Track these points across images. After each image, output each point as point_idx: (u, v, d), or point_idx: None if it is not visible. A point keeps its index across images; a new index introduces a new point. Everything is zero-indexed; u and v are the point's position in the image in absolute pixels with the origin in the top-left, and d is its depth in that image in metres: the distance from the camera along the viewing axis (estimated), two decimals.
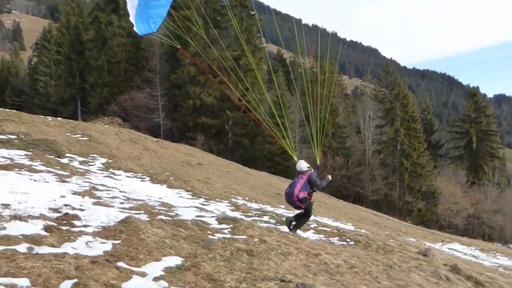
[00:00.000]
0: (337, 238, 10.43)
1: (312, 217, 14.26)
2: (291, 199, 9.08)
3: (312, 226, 11.62)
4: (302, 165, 9.59)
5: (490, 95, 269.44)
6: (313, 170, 9.57)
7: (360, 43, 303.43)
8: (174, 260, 5.49)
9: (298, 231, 9.54)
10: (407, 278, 6.85)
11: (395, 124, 48.45)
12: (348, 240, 10.33)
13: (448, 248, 20.37)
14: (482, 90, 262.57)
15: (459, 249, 21.15)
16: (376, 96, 64.41)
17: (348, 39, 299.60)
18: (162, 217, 8.09)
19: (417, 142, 48.40)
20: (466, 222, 47.98)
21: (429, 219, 47.95)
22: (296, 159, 9.97)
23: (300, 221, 9.60)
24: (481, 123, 56.14)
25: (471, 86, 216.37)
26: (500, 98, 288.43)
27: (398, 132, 47.79)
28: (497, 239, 47.39)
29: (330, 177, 10.05)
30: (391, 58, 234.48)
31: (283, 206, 16.24)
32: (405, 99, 50.35)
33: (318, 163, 10.07)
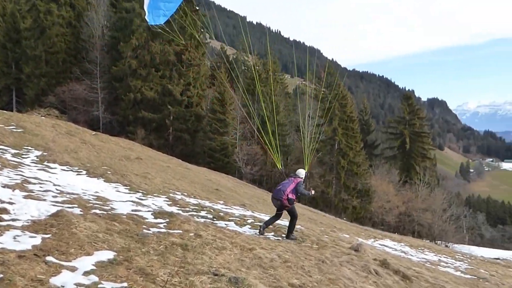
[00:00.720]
0: (272, 233, 10.62)
1: (249, 213, 14.46)
2: (279, 196, 9.67)
3: (249, 221, 11.76)
4: (303, 173, 10.34)
5: (424, 98, 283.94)
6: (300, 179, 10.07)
7: (303, 43, 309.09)
8: (106, 254, 5.40)
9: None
10: (338, 272, 7.12)
11: (333, 123, 49.78)
12: (283, 235, 10.55)
13: (380, 244, 21.25)
14: (416, 94, 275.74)
15: (390, 245, 22.12)
16: (316, 95, 65.86)
17: (291, 39, 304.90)
18: (97, 211, 7.91)
19: (354, 141, 50.02)
20: (398, 219, 50.23)
21: (363, 216, 49.77)
22: (280, 167, 11.06)
23: (291, 224, 10.26)
24: (414, 125, 58.89)
25: (406, 89, 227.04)
26: (433, 102, 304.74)
27: (336, 132, 49.15)
28: (425, 236, 49.99)
29: (313, 192, 10.61)
30: (332, 59, 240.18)
31: (221, 202, 16.29)
32: (344, 100, 51.86)
33: (306, 171, 10.62)
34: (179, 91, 47.42)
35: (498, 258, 41.17)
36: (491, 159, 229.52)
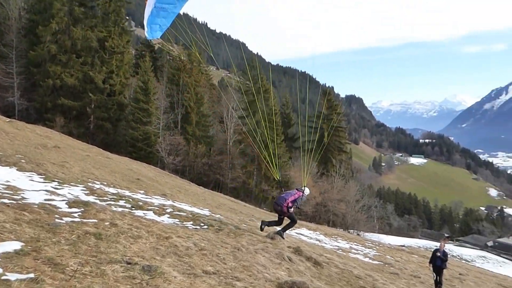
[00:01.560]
0: (191, 222, 10.66)
1: (170, 202, 14.37)
2: (281, 202, 10.79)
3: (168, 210, 11.70)
4: (308, 192, 11.58)
5: (342, 95, 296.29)
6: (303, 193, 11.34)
7: (229, 36, 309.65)
8: (12, 245, 5.16)
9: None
10: (253, 259, 7.35)
11: (256, 116, 50.51)
12: (202, 224, 10.63)
13: (296, 233, 22.04)
14: (336, 90, 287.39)
15: (306, 234, 23.03)
16: (240, 88, 66.41)
17: (217, 31, 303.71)
18: (5, 200, 7.50)
19: (275, 134, 51.11)
20: (314, 209, 52.24)
21: None
22: (278, 177, 12.37)
23: (288, 225, 11.30)
24: (332, 120, 61.33)
25: (327, 85, 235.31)
26: (350, 99, 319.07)
27: (259, 124, 49.91)
28: (339, 225, 52.49)
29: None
30: (257, 53, 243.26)
31: (142, 191, 16.03)
32: (267, 93, 52.73)
33: (304, 185, 11.68)
34: (101, 79, 45.60)
35: (403, 245, 44.39)
36: (400, 154, 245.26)
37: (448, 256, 15.44)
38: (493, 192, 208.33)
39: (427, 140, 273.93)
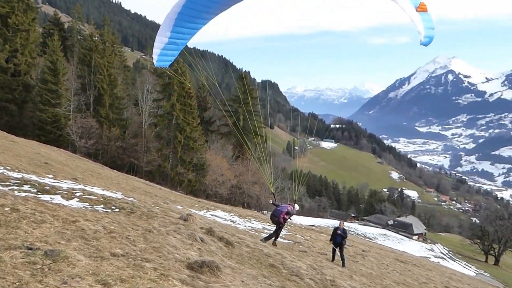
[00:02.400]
0: (102, 205, 10.37)
1: (80, 186, 13.83)
2: (278, 214, 13.70)
3: (78, 194, 11.27)
4: (297, 207, 14.74)
5: (258, 80, 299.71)
6: (294, 207, 14.37)
7: (145, 16, 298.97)
8: None
9: None
10: (164, 240, 7.34)
11: (171, 99, 49.68)
12: (113, 207, 10.39)
13: (211, 215, 22.26)
14: (252, 75, 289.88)
15: (220, 215, 23.33)
16: (156, 70, 64.74)
17: (132, 11, 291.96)
18: None
19: (191, 117, 50.67)
20: (230, 191, 52.87)
21: (198, 189, 51.21)
22: (273, 190, 15.46)
23: (276, 232, 14.18)
24: (248, 104, 61.93)
25: (243, 70, 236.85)
26: (266, 84, 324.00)
27: (174, 107, 49.17)
28: (254, 207, 53.71)
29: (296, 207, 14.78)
30: None
31: (50, 176, 15.25)
32: (183, 76, 51.93)
33: (295, 199, 14.91)
34: (4, 58, 42.05)
35: (313, 225, 46.58)
36: (313, 138, 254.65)
37: (348, 233, 16.67)
38: (394, 175, 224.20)
39: (337, 126, 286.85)
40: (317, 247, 19.03)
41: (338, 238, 15.54)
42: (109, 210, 9.99)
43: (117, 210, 10.18)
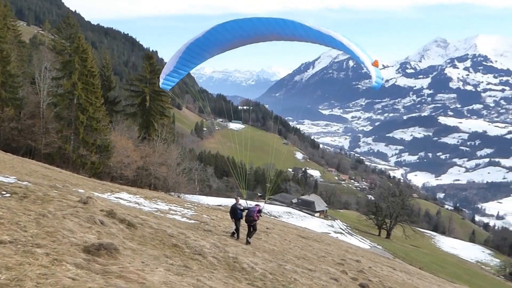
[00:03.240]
0: None
1: None
2: (252, 214, 16.15)
3: None
4: (262, 205, 17.48)
5: (166, 60, 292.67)
6: (261, 205, 16.96)
7: None
8: None
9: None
10: (59, 225, 7.06)
11: (72, 77, 46.88)
12: (4, 192, 9.73)
13: (115, 197, 21.65)
14: (160, 55, 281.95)
15: (125, 198, 22.76)
16: (55, 47, 60.63)
17: None
18: None
19: (94, 97, 48.26)
20: (136, 173, 51.54)
21: (102, 171, 49.26)
22: (245, 196, 17.84)
23: (250, 233, 16.54)
24: (155, 84, 60.38)
25: (150, 49, 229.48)
26: None
27: (76, 86, 46.50)
28: (161, 188, 52.93)
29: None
30: (75, 10, 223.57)
31: None
32: (85, 54, 49.11)
33: (266, 198, 21.58)
34: None
35: (220, 205, 47.14)
36: (221, 119, 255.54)
37: (242, 205, 17.76)
38: (299, 155, 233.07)
39: (245, 107, 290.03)
40: (223, 226, 19.39)
41: (239, 214, 16.19)
42: None
43: (8, 195, 9.54)
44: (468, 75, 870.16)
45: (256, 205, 17.10)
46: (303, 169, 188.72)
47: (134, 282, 5.09)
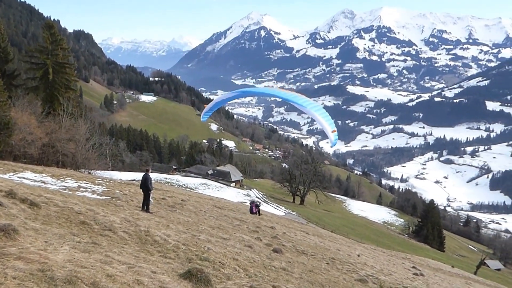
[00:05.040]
0: None
1: None
2: (251, 212, 28.60)
3: None
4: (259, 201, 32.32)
5: (70, 29, 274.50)
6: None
7: None
8: None
9: None
10: None
11: None
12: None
13: (18, 177, 20.40)
14: (63, 24, 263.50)
15: (30, 177, 21.50)
16: None
17: None
18: None
19: None
20: (41, 151, 48.45)
21: (3, 151, 45.77)
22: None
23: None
24: (57, 56, 56.50)
25: (52, 18, 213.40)
26: (79, 34, 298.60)
27: None
28: (70, 165, 50.39)
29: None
30: None
31: None
32: None
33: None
34: None
35: (134, 179, 46.18)
36: (132, 92, 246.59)
37: (153, 180, 17.66)
38: (213, 126, 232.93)
39: (156, 79, 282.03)
40: (136, 200, 19.09)
41: (151, 186, 16.37)
42: None
43: None
44: (373, 45, 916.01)
45: (254, 205, 29.02)
46: (218, 140, 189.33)
47: (35, 262, 4.90)
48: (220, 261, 8.86)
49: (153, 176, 68.48)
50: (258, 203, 32.01)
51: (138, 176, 63.95)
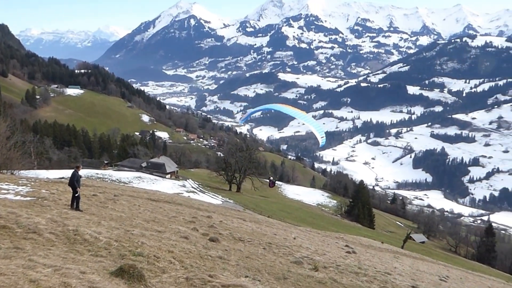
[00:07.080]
0: None
1: None
2: (271, 186, 71.60)
3: None
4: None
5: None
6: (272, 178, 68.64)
7: None
8: None
9: None
10: None
11: None
12: None
13: None
14: None
15: None
16: None
17: None
18: None
19: None
20: None
21: None
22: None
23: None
24: None
25: None
26: None
27: None
28: None
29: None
30: None
31: None
32: None
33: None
34: None
35: (62, 177, 44.10)
36: (56, 86, 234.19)
37: (82, 177, 17.10)
38: (145, 118, 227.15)
39: (83, 71, 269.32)
40: (64, 199, 18.26)
41: (78, 184, 15.85)
42: None
43: None
44: (302, 33, 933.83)
45: (271, 181, 33.96)
46: (151, 131, 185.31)
47: None
48: (154, 255, 8.69)
49: (84, 172, 65.83)
50: (273, 179, 41.39)
51: (67, 173, 61.23)
